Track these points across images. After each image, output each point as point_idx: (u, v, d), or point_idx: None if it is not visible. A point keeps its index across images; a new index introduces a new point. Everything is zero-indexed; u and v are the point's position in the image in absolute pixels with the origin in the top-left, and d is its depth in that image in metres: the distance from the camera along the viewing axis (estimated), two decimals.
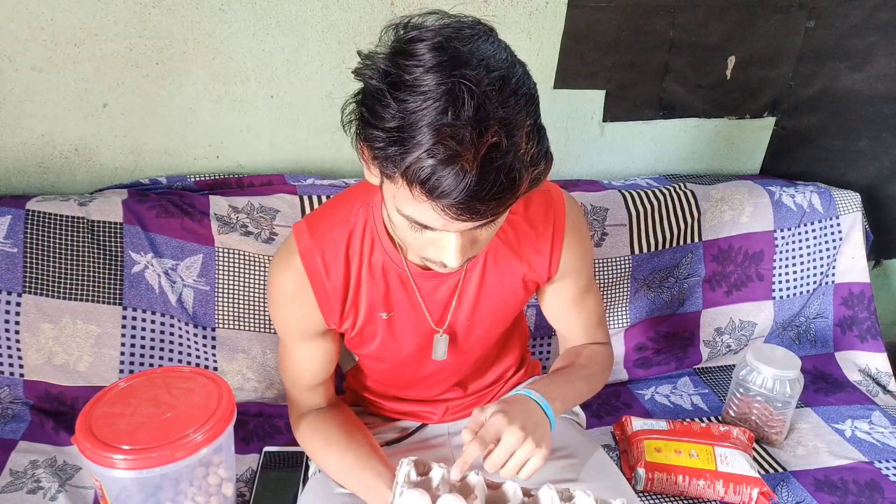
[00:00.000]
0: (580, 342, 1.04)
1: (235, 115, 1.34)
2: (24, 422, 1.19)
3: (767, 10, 1.50)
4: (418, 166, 0.61)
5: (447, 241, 0.70)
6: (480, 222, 0.67)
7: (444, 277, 0.90)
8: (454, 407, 1.08)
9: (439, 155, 0.60)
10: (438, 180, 0.61)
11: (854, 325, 1.58)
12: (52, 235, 1.20)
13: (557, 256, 0.93)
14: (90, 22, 1.20)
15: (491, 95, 0.61)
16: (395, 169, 0.63)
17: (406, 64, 0.62)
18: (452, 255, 0.70)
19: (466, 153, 0.60)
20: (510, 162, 0.62)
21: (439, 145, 0.60)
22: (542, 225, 0.91)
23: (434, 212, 0.64)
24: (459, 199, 0.61)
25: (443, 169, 0.60)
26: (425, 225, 0.68)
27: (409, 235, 0.72)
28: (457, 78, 0.60)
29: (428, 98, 0.60)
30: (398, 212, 0.69)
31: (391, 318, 0.92)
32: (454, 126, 0.59)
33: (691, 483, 1.14)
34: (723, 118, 1.63)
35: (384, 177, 0.68)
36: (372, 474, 0.89)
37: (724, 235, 1.50)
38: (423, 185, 0.61)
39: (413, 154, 0.60)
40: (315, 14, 1.29)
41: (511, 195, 0.64)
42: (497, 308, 0.95)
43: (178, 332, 1.26)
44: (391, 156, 0.62)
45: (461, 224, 0.66)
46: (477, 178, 0.60)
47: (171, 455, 0.87)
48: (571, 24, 1.42)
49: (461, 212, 0.63)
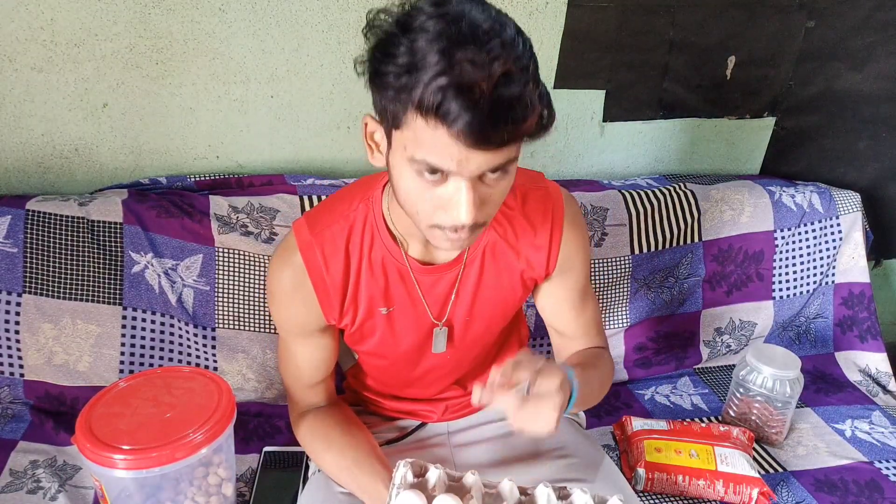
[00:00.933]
0: (582, 346, 1.02)
1: (235, 115, 1.34)
2: (24, 422, 1.19)
3: (767, 10, 1.50)
4: (434, 86, 0.62)
5: (459, 194, 0.69)
6: (492, 159, 0.67)
7: (444, 272, 0.90)
8: (453, 406, 1.08)
9: (453, 76, 0.61)
10: (452, 101, 0.61)
11: (854, 325, 1.58)
12: (52, 235, 1.20)
13: (556, 252, 0.93)
14: (90, 22, 1.20)
15: (495, 34, 0.63)
16: (408, 99, 0.64)
17: (414, 13, 0.65)
18: (465, 208, 0.69)
19: (480, 76, 0.61)
20: (521, 90, 0.63)
21: (454, 67, 0.61)
22: (539, 221, 0.91)
23: (448, 143, 0.64)
24: (474, 122, 0.62)
25: (458, 89, 0.61)
26: (438, 168, 0.67)
27: (419, 199, 0.71)
28: (462, 21, 0.63)
29: (438, 36, 0.62)
30: (411, 160, 0.68)
31: (391, 313, 0.92)
32: (465, 53, 0.61)
33: (691, 483, 1.14)
34: (723, 118, 1.63)
35: (393, 128, 0.68)
36: (370, 474, 0.89)
37: (724, 235, 1.50)
38: (439, 109, 0.62)
39: (427, 75, 0.62)
40: (315, 14, 1.29)
41: (522, 124, 0.65)
42: (495, 303, 0.94)
43: (178, 332, 1.26)
44: (404, 85, 0.63)
45: (473, 160, 0.66)
46: (490, 100, 0.62)
47: (171, 455, 0.87)
48: (571, 24, 1.42)
49: (475, 138, 0.63)
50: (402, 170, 0.71)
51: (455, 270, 0.90)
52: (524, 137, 0.68)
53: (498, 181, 0.71)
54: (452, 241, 0.75)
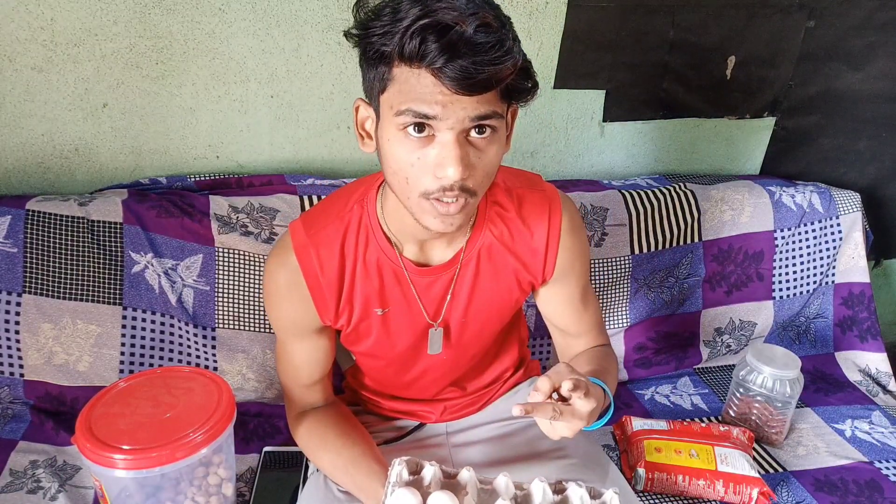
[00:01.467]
0: (586, 346, 1.02)
1: (235, 115, 1.34)
2: (24, 422, 1.19)
3: (767, 10, 1.50)
4: (415, 28, 0.64)
5: (445, 149, 0.69)
6: (477, 107, 0.68)
7: (439, 273, 0.90)
8: (452, 406, 1.08)
9: (434, 18, 0.64)
10: (434, 43, 0.64)
11: (854, 325, 1.58)
12: (52, 235, 1.20)
13: (553, 257, 0.92)
14: (90, 22, 1.20)
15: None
16: (392, 48, 0.66)
17: None
18: (452, 161, 0.69)
19: (459, 18, 0.64)
20: (500, 38, 0.66)
21: (435, 11, 0.64)
22: (536, 224, 0.91)
23: (431, 87, 0.66)
24: (454, 58, 0.64)
25: (437, 31, 0.64)
26: (424, 114, 0.67)
27: (407, 164, 0.71)
28: None
29: None
30: (396, 114, 0.69)
31: (386, 314, 0.92)
32: (445, 2, 0.65)
33: (691, 483, 1.14)
34: (723, 118, 1.63)
35: (379, 93, 0.70)
36: (366, 473, 0.89)
37: (724, 235, 1.50)
38: (420, 49, 0.64)
39: (407, 21, 0.64)
40: (315, 14, 1.29)
41: (501, 70, 0.66)
42: (491, 305, 0.94)
43: (178, 332, 1.26)
44: (387, 32, 0.66)
45: (458, 105, 0.67)
46: (469, 41, 0.64)
47: (171, 455, 0.87)
48: (571, 24, 1.42)
49: (456, 77, 0.64)
50: (390, 135, 0.71)
51: (450, 272, 0.90)
52: (508, 86, 0.70)
53: (486, 144, 0.72)
54: (443, 217, 0.74)
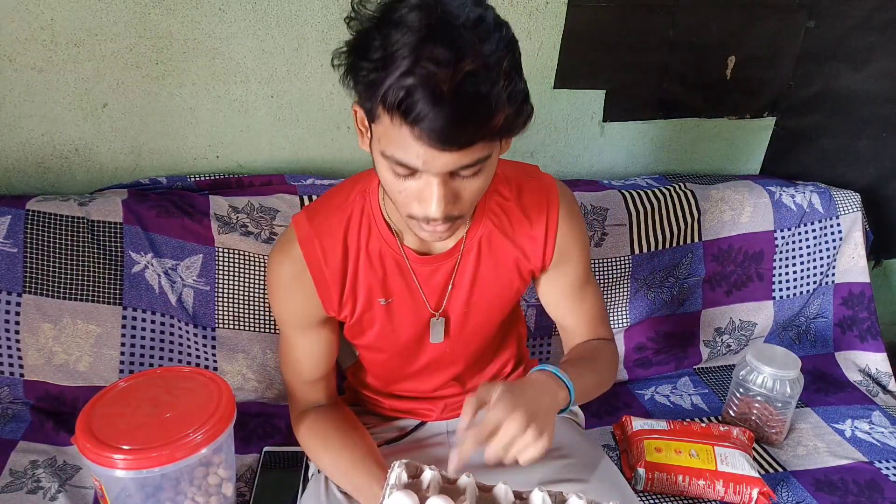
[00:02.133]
0: (583, 337, 1.03)
1: (235, 115, 1.34)
2: (24, 422, 1.19)
3: (767, 10, 1.50)
4: (397, 86, 0.63)
5: (429, 188, 0.70)
6: (458, 159, 0.67)
7: (440, 262, 0.90)
8: (452, 404, 1.08)
9: (417, 75, 0.62)
10: (414, 102, 0.62)
11: (854, 325, 1.58)
12: (52, 235, 1.20)
13: (552, 243, 0.93)
14: (90, 22, 1.20)
15: (470, 29, 0.64)
16: (376, 97, 0.65)
17: (394, 5, 0.66)
18: (434, 202, 0.70)
19: (443, 75, 0.62)
20: (486, 90, 0.64)
21: (417, 67, 0.62)
22: (535, 212, 0.92)
23: (413, 143, 0.65)
24: (435, 123, 0.63)
25: (419, 89, 0.62)
26: (407, 165, 0.68)
27: (395, 188, 0.73)
28: (438, 13, 0.63)
29: (411, 30, 0.63)
30: (382, 155, 0.70)
31: (389, 304, 0.92)
32: (433, 51, 0.62)
33: (691, 483, 1.14)
34: (723, 118, 1.63)
35: (370, 124, 0.70)
36: (366, 475, 0.89)
37: (724, 235, 1.50)
38: (400, 107, 0.63)
39: (392, 76, 0.63)
40: (315, 14, 1.29)
41: (486, 125, 0.66)
42: (493, 294, 0.95)
43: (178, 332, 1.26)
44: (372, 82, 0.65)
45: (439, 159, 0.67)
46: (452, 101, 0.62)
47: (171, 455, 0.87)
48: (571, 24, 1.42)
49: (437, 138, 0.64)
50: (378, 160, 0.72)
51: (451, 260, 0.91)
52: (494, 136, 0.68)
53: (473, 178, 0.72)
54: (429, 233, 0.76)
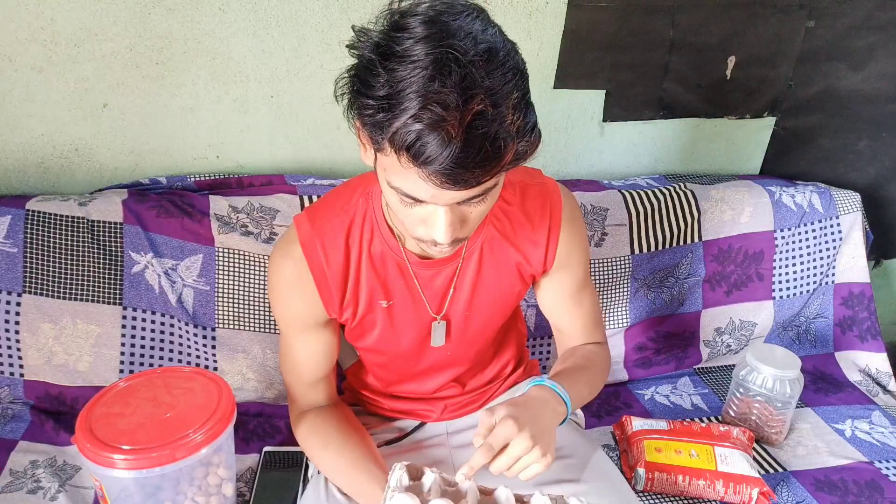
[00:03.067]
0: (578, 341, 1.04)
1: (235, 115, 1.34)
2: (24, 422, 1.19)
3: (767, 10, 1.50)
4: (405, 131, 0.62)
5: (436, 216, 0.71)
6: (466, 193, 0.67)
7: (442, 266, 0.90)
8: (452, 405, 1.08)
9: (425, 120, 0.61)
10: (423, 146, 0.62)
11: (854, 325, 1.58)
12: (52, 235, 1.20)
13: (553, 248, 0.94)
14: (90, 22, 1.20)
15: (478, 65, 0.62)
16: (383, 136, 0.64)
17: (397, 36, 0.63)
18: (441, 230, 0.71)
19: (452, 119, 0.61)
20: (495, 130, 0.63)
21: (425, 110, 0.61)
22: (538, 217, 0.92)
23: (420, 180, 0.65)
24: (444, 166, 0.62)
25: (428, 134, 0.61)
26: (414, 197, 0.68)
27: (401, 212, 0.73)
28: (444, 48, 0.61)
29: (416, 67, 0.61)
30: (388, 185, 0.70)
31: (390, 306, 0.92)
32: (440, 93, 0.61)
33: (691, 483, 1.14)
34: (723, 118, 1.63)
35: (375, 150, 0.69)
36: (366, 477, 0.89)
37: (724, 235, 1.50)
38: (409, 151, 0.63)
39: (400, 119, 0.62)
40: (315, 14, 1.29)
41: (495, 165, 0.65)
42: (494, 297, 0.95)
43: (178, 332, 1.26)
44: (379, 122, 0.64)
45: (447, 194, 0.67)
46: (461, 145, 0.62)
47: (171, 455, 0.87)
48: (571, 24, 1.42)
49: (446, 179, 0.63)
50: (384, 184, 0.72)
51: (453, 264, 0.91)
52: (503, 170, 0.68)
53: (479, 204, 0.72)
54: (437, 252, 0.78)
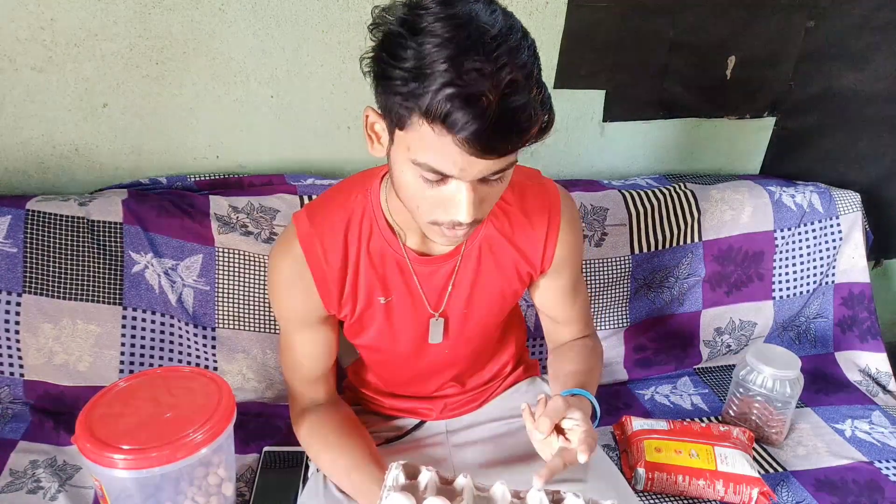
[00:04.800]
0: (572, 335, 1.06)
1: (235, 115, 1.34)
2: (24, 422, 1.19)
3: (767, 10, 1.50)
4: (442, 96, 0.62)
5: (460, 194, 0.70)
6: (492, 165, 0.68)
7: (441, 263, 0.91)
8: (452, 403, 1.08)
9: (461, 87, 0.62)
10: (461, 112, 0.62)
11: (854, 325, 1.58)
12: (52, 235, 1.20)
13: (552, 249, 0.94)
14: (90, 22, 1.20)
15: (504, 38, 0.64)
16: (415, 106, 0.64)
17: (420, 13, 0.65)
18: (465, 208, 0.71)
19: (488, 86, 0.62)
20: (525, 100, 0.64)
21: (462, 77, 0.62)
22: (537, 217, 0.93)
23: (453, 150, 0.65)
24: (480, 132, 0.63)
25: (466, 99, 0.62)
26: (441, 172, 0.68)
27: (418, 194, 0.73)
28: (470, 25, 0.63)
29: (445, 40, 0.62)
30: (413, 163, 0.69)
31: (389, 303, 0.92)
32: (475, 62, 0.62)
33: (691, 483, 1.14)
34: (723, 118, 1.63)
35: (397, 129, 0.69)
36: (366, 477, 0.89)
37: (724, 235, 1.50)
38: (446, 119, 0.63)
39: (435, 85, 0.62)
40: (315, 14, 1.29)
41: (526, 133, 0.67)
42: (492, 296, 0.96)
43: (178, 332, 1.26)
44: (412, 91, 0.64)
45: (476, 167, 0.67)
46: (497, 111, 0.62)
47: (171, 455, 0.87)
48: (571, 24, 1.42)
49: (480, 147, 0.64)
50: (404, 167, 0.72)
51: (452, 262, 0.91)
52: (530, 143, 0.69)
53: (497, 182, 0.73)
54: (449, 238, 0.77)
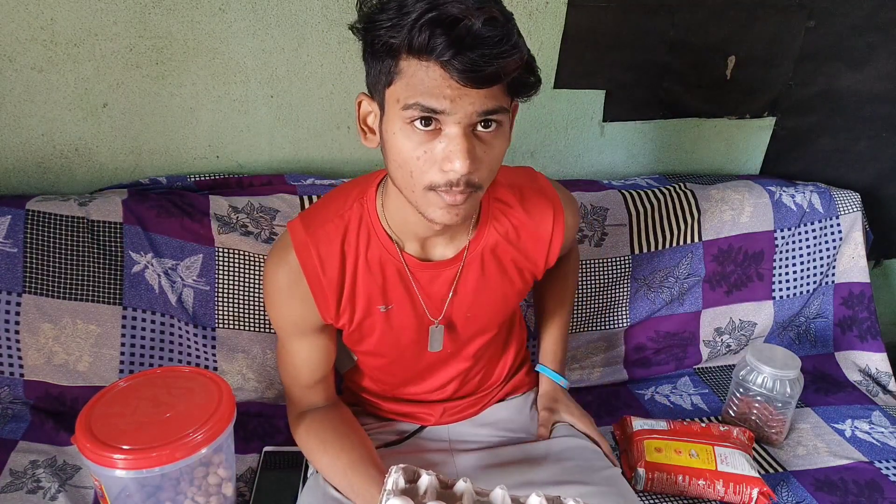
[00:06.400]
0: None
1: (235, 115, 1.34)
2: (24, 422, 1.19)
3: (767, 10, 1.50)
4: (423, 21, 0.65)
5: (453, 142, 0.70)
6: (483, 102, 0.69)
7: (441, 269, 0.91)
8: (452, 408, 1.08)
9: (441, 11, 0.65)
10: (442, 35, 0.65)
11: (854, 325, 1.58)
12: (52, 235, 1.20)
13: (556, 249, 0.96)
14: (90, 22, 1.20)
15: None
16: (399, 42, 0.66)
17: None
18: (460, 155, 0.70)
19: (467, 10, 0.65)
20: (507, 30, 0.67)
21: (442, 5, 0.65)
22: (540, 216, 0.95)
23: (440, 82, 0.67)
24: (463, 51, 0.65)
25: (446, 24, 0.64)
26: (432, 109, 0.68)
27: (412, 157, 0.72)
28: None
29: None
30: (405, 108, 0.69)
31: (389, 311, 0.92)
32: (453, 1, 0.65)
33: (691, 483, 1.14)
34: (723, 118, 1.63)
35: (385, 87, 0.71)
36: (364, 479, 0.89)
37: (724, 235, 1.50)
38: (428, 42, 0.65)
39: (415, 14, 0.65)
40: (315, 14, 1.29)
41: (509, 62, 0.67)
42: (495, 300, 0.96)
43: (178, 332, 1.26)
44: (394, 25, 0.66)
45: (466, 97, 0.68)
46: (477, 34, 0.65)
47: (171, 455, 0.87)
48: (571, 24, 1.42)
49: (464, 69, 0.65)
50: (396, 129, 0.72)
51: (454, 268, 0.91)
52: (513, 82, 0.71)
53: (492, 138, 0.73)
54: (449, 207, 0.74)
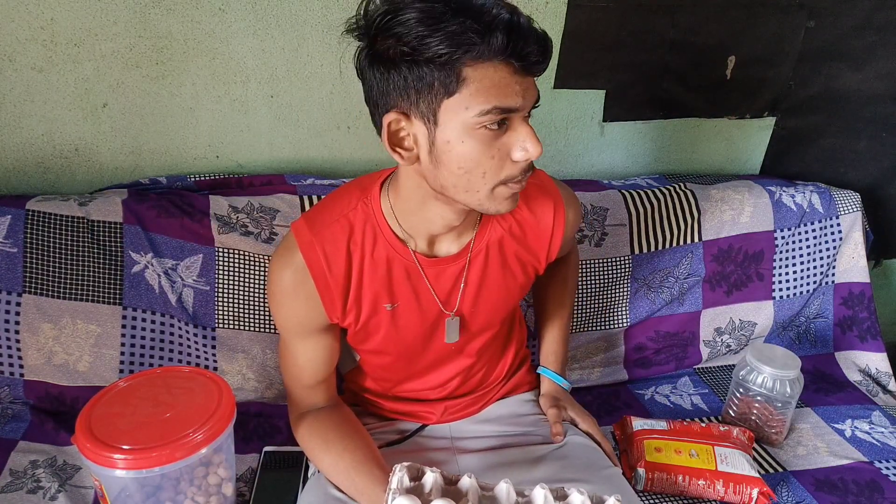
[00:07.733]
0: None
1: (235, 115, 1.34)
2: (24, 422, 1.19)
3: (767, 10, 1.50)
4: (494, 15, 0.68)
5: (523, 129, 0.75)
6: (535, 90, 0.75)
7: (448, 264, 0.92)
8: (453, 406, 1.08)
9: (497, 17, 0.68)
10: (504, 32, 0.68)
11: (854, 325, 1.58)
12: (52, 235, 1.20)
13: (557, 244, 0.98)
14: (90, 22, 1.20)
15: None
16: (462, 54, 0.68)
17: None
18: (534, 139, 0.75)
19: (510, 10, 0.70)
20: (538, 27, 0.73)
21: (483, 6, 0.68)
22: (541, 210, 0.96)
23: (509, 78, 0.71)
24: (527, 45, 0.69)
25: (503, 26, 0.68)
26: (507, 108, 0.72)
27: (485, 158, 0.75)
28: None
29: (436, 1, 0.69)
30: (480, 115, 0.72)
31: (395, 309, 0.93)
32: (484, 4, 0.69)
33: (691, 483, 1.14)
34: (723, 118, 1.63)
35: (446, 98, 0.72)
36: (368, 478, 0.89)
37: (724, 235, 1.50)
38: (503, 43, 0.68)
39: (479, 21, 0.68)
40: (315, 14, 1.29)
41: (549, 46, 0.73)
42: (499, 293, 0.97)
43: (178, 332, 1.26)
44: (456, 32, 0.68)
45: (530, 89, 0.74)
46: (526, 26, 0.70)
47: (171, 455, 0.87)
48: (571, 24, 1.42)
49: (533, 62, 0.71)
50: (463, 137, 0.73)
51: (461, 262, 0.92)
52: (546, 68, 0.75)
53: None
54: (513, 196, 0.80)
